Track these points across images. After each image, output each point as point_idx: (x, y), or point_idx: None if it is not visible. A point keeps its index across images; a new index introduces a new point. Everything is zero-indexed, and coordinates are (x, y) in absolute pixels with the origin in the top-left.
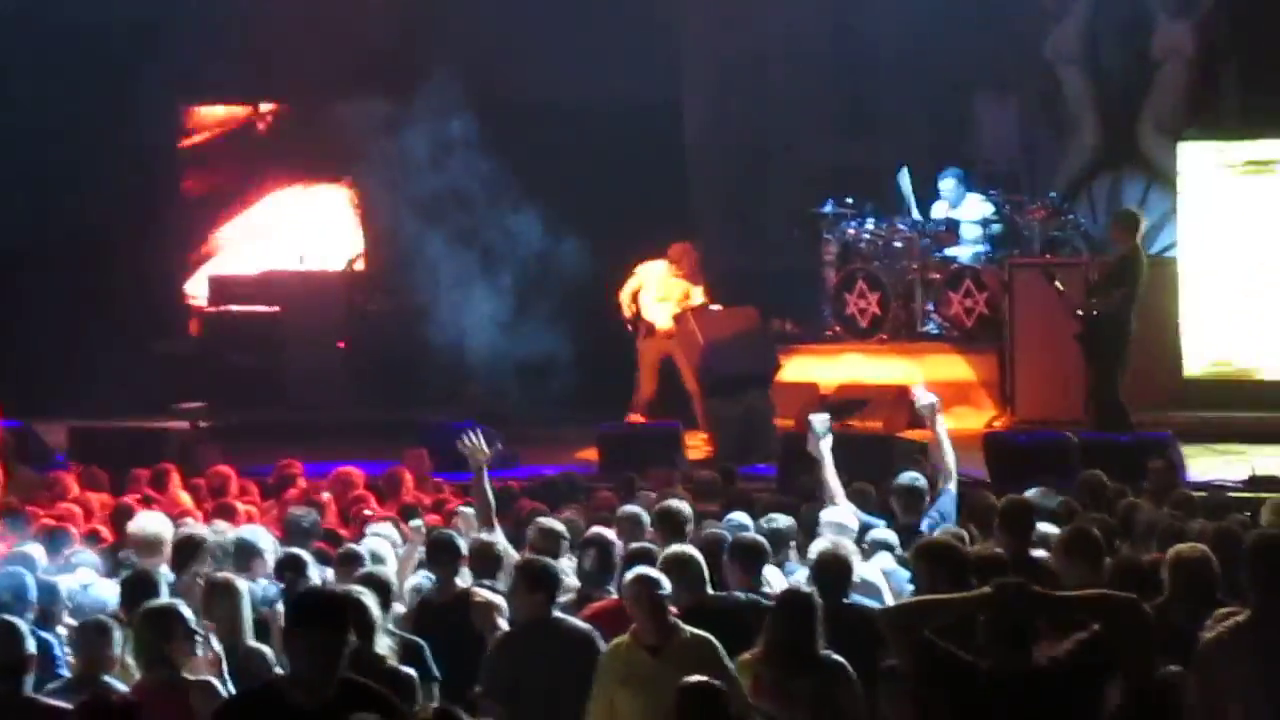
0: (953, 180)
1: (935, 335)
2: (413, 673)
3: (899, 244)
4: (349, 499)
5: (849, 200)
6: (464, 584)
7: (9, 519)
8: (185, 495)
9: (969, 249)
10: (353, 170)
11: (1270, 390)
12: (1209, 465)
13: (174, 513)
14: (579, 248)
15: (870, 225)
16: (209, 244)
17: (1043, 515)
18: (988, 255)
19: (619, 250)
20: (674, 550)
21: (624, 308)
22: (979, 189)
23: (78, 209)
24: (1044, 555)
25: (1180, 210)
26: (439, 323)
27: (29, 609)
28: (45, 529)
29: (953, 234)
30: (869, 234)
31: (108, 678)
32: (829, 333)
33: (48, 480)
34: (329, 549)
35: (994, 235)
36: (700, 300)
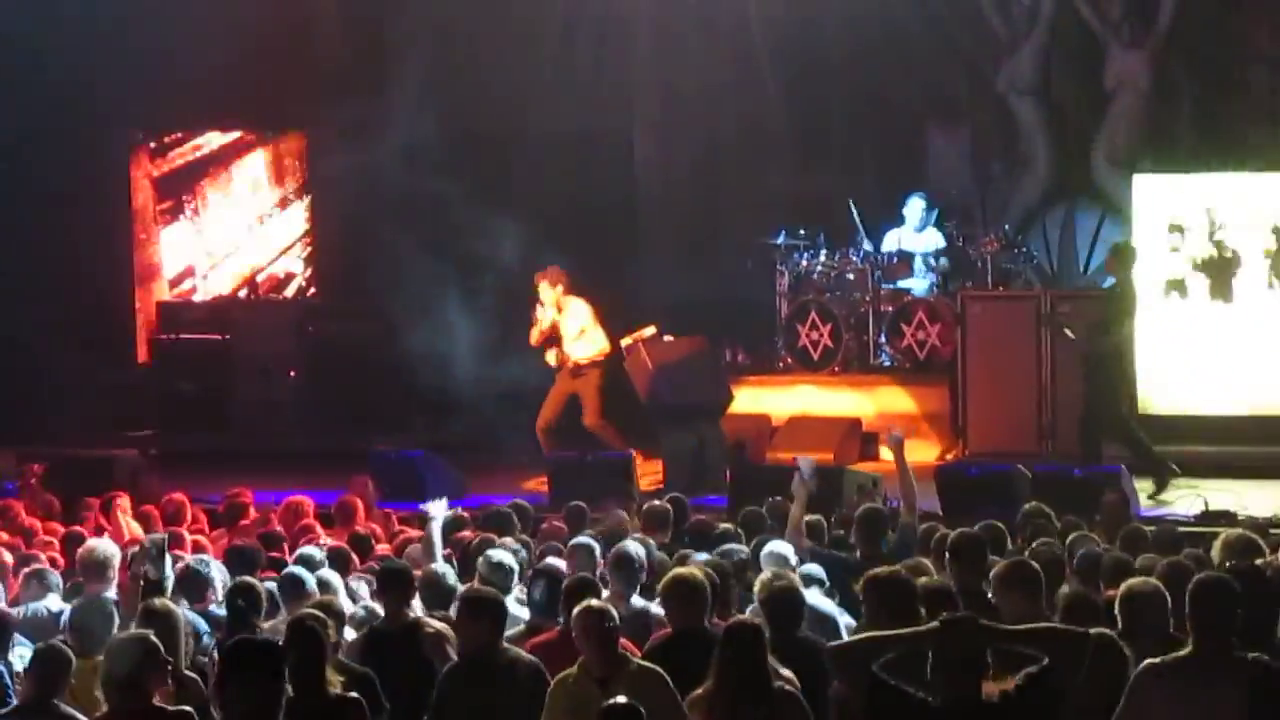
0: (921, 202)
1: (888, 367)
2: (361, 699)
3: (851, 275)
4: (298, 528)
5: (802, 231)
6: (414, 614)
7: None
8: (135, 524)
9: (921, 281)
10: (306, 195)
11: (1223, 424)
12: (1161, 499)
13: (123, 541)
14: (528, 275)
15: (823, 257)
16: (160, 271)
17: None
18: (938, 286)
19: (569, 278)
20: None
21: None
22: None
23: (26, 236)
24: None
25: (1136, 243)
26: (391, 350)
27: None
28: None
29: (905, 265)
30: (821, 265)
31: (58, 702)
32: (781, 364)
33: None
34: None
35: (946, 267)
36: (573, 318)
